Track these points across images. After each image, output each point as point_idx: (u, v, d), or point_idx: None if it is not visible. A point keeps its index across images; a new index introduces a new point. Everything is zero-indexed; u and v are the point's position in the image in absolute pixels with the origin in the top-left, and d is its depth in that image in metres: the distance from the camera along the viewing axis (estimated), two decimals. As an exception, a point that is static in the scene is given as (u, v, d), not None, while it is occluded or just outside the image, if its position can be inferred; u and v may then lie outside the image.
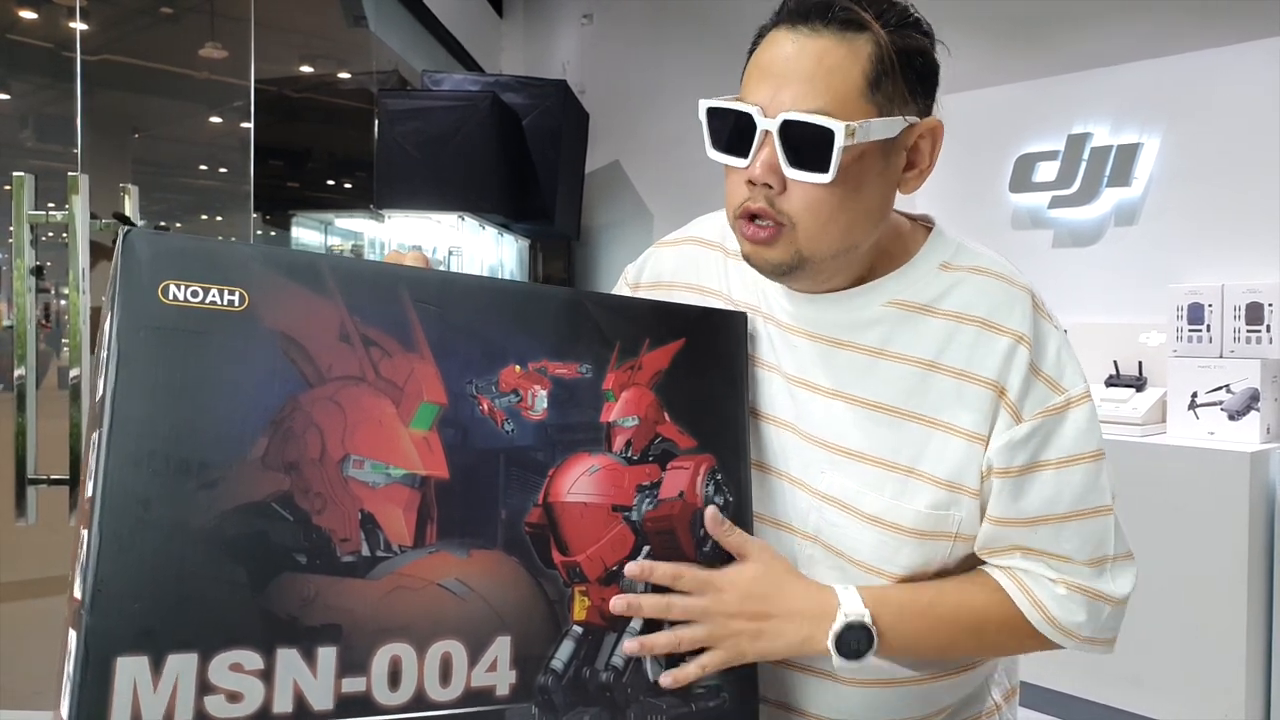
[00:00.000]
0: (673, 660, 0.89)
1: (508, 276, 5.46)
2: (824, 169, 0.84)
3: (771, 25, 0.90)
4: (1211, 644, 2.82)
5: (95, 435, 0.71)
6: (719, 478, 0.94)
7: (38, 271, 2.47)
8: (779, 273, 0.92)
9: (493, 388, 0.83)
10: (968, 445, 0.92)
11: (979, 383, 0.92)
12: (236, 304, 0.75)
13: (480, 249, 5.02)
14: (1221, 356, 3.17)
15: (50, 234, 2.69)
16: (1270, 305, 3.11)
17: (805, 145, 0.84)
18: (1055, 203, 3.77)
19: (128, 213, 2.55)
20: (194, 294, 0.73)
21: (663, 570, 0.89)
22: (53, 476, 2.30)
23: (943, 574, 0.98)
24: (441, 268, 5.19)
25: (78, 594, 0.69)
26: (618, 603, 0.87)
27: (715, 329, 0.97)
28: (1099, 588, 0.95)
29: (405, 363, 0.80)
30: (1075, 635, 0.96)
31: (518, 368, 0.85)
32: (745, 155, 0.87)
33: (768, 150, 0.86)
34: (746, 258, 0.93)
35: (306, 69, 6.86)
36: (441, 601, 0.79)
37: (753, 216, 0.90)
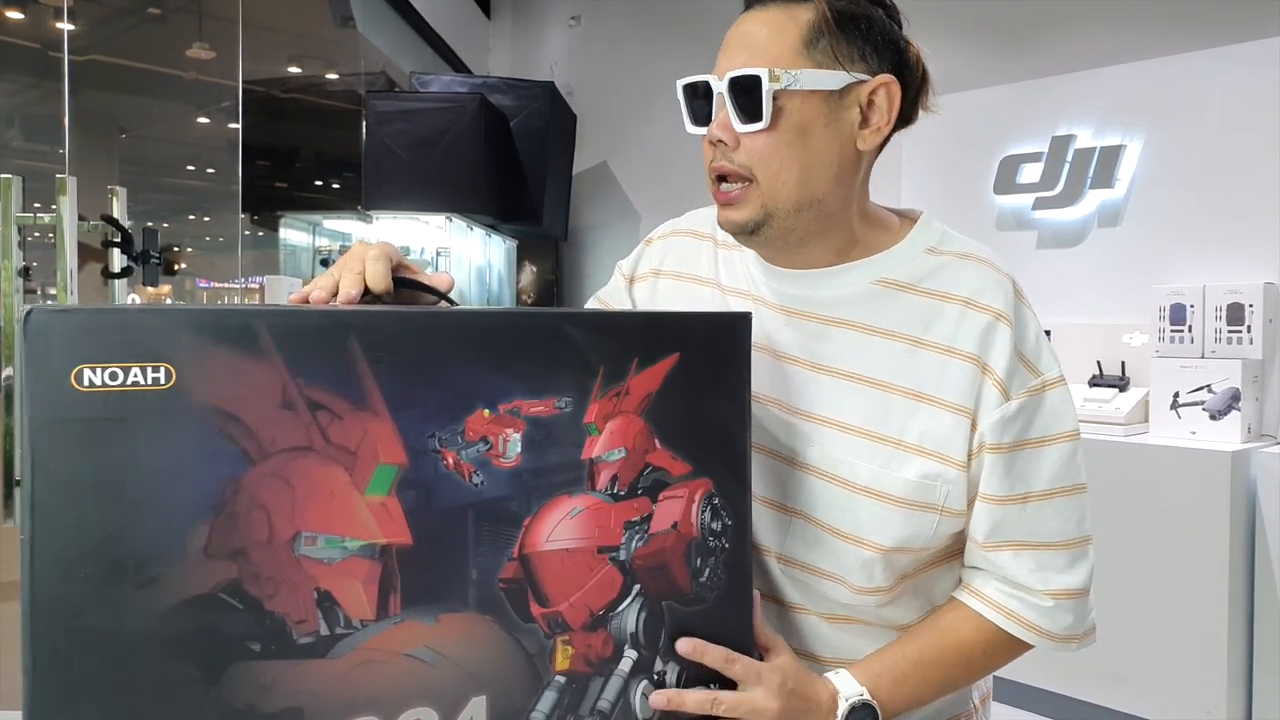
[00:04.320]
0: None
1: (496, 276, 5.47)
2: (760, 116, 0.91)
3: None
4: (1193, 641, 2.85)
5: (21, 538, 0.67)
6: (716, 502, 0.87)
7: (25, 272, 2.47)
8: (746, 231, 0.96)
9: (458, 438, 0.76)
10: (954, 418, 0.94)
11: (961, 357, 0.94)
12: (162, 381, 0.67)
13: (468, 250, 5.02)
14: (1203, 357, 3.19)
15: (36, 234, 2.69)
16: (1251, 306, 3.14)
17: (747, 98, 0.91)
18: (1039, 204, 3.80)
19: (115, 214, 2.55)
20: (112, 376, 0.66)
21: (714, 654, 0.87)
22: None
23: (925, 553, 0.98)
24: (429, 269, 5.16)
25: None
26: (658, 698, 0.85)
27: (714, 336, 0.88)
28: (1072, 584, 0.97)
29: (357, 423, 0.72)
30: (1069, 638, 0.98)
31: (486, 412, 0.77)
32: (708, 123, 0.95)
33: (721, 111, 0.94)
34: (720, 224, 0.98)
35: (294, 70, 6.85)
36: (410, 671, 0.74)
37: (720, 180, 0.96)
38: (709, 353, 0.87)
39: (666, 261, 1.14)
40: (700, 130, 0.97)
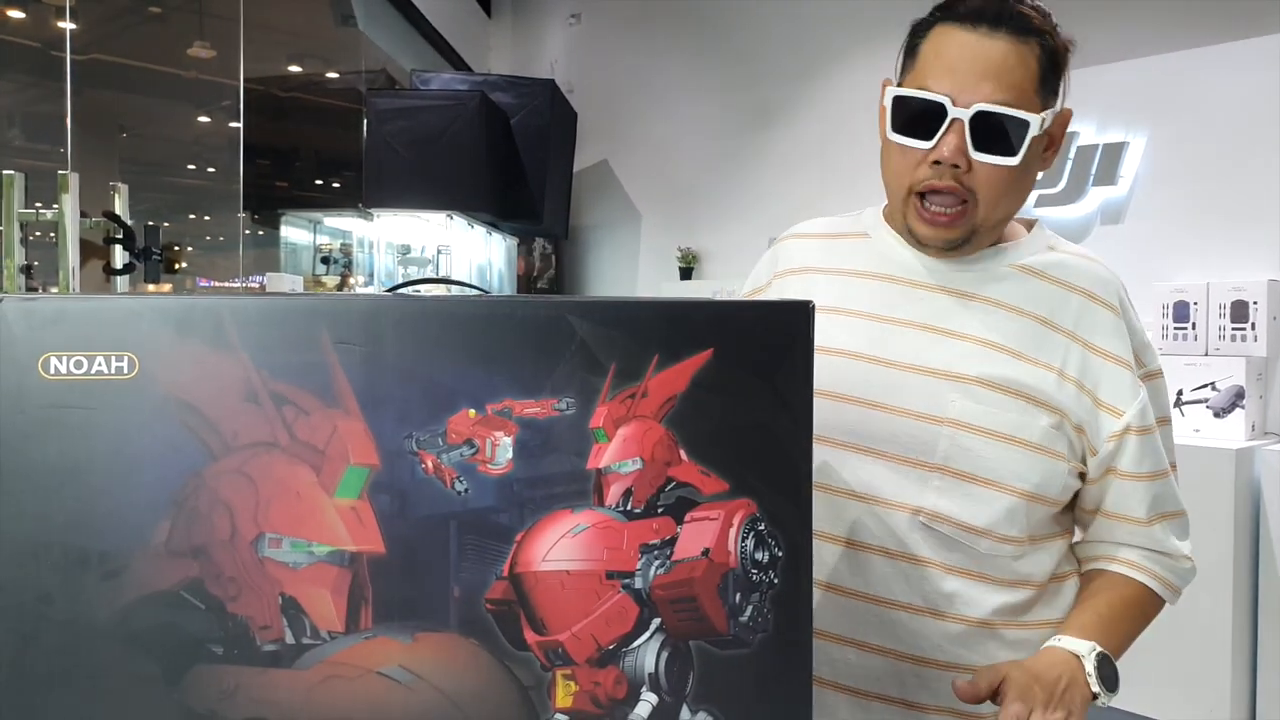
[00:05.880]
0: None
1: (496, 274, 5.46)
2: (1012, 154, 0.98)
3: (937, 20, 1.01)
4: (1197, 640, 2.84)
5: None
6: (761, 528, 0.75)
7: (27, 270, 2.47)
8: (950, 246, 1.04)
9: (439, 440, 0.70)
10: (1076, 391, 1.03)
11: (1107, 356, 1.05)
12: (126, 370, 0.67)
13: (469, 247, 5.02)
14: (1207, 354, 3.19)
15: (38, 233, 2.69)
16: (1255, 303, 3.13)
17: (995, 132, 0.97)
18: (1042, 201, 3.79)
19: (117, 211, 2.55)
20: (78, 364, 0.66)
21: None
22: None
23: (1054, 507, 1.07)
24: (429, 266, 5.13)
25: None
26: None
27: (761, 329, 0.77)
28: (1189, 549, 1.12)
29: (326, 421, 0.69)
30: (1179, 594, 1.12)
31: (472, 412, 0.70)
32: (928, 139, 0.99)
33: (956, 135, 0.97)
34: (926, 240, 1.05)
35: (295, 68, 6.86)
36: (383, 690, 0.70)
37: (924, 196, 1.02)
38: (754, 349, 0.76)
39: (779, 264, 1.21)
40: (909, 142, 1.00)
